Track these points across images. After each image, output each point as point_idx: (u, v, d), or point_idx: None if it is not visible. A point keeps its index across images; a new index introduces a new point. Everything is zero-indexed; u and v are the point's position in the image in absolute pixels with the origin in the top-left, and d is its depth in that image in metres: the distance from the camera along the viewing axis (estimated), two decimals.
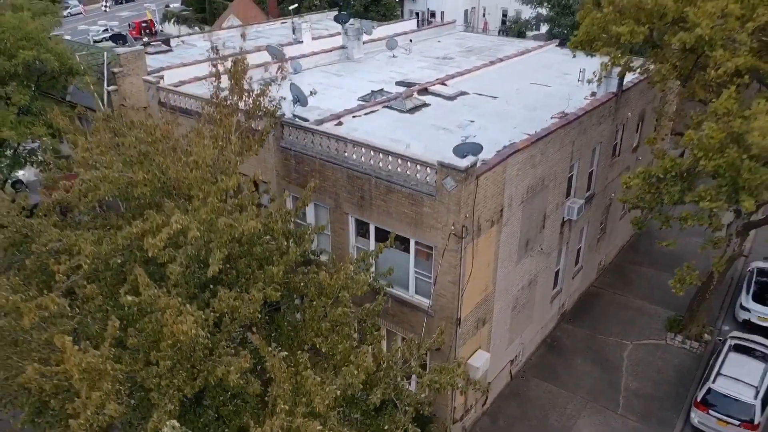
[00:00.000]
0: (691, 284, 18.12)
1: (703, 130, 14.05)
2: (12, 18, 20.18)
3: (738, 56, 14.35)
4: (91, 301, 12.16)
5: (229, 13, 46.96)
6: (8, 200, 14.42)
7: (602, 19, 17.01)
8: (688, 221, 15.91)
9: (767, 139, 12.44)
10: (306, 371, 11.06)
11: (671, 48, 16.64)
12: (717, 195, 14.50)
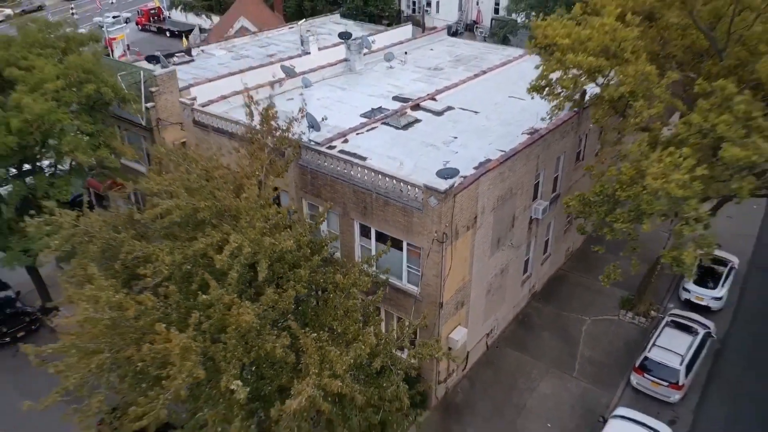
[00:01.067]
0: (615, 280, 23.03)
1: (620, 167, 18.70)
2: (76, 57, 24.53)
3: (654, 107, 18.86)
4: (172, 297, 16.85)
5: (238, 14, 50.82)
6: (99, 218, 19.03)
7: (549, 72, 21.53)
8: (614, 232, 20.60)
9: (657, 182, 17.04)
10: (328, 346, 15.87)
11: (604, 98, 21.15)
12: (627, 218, 19.20)
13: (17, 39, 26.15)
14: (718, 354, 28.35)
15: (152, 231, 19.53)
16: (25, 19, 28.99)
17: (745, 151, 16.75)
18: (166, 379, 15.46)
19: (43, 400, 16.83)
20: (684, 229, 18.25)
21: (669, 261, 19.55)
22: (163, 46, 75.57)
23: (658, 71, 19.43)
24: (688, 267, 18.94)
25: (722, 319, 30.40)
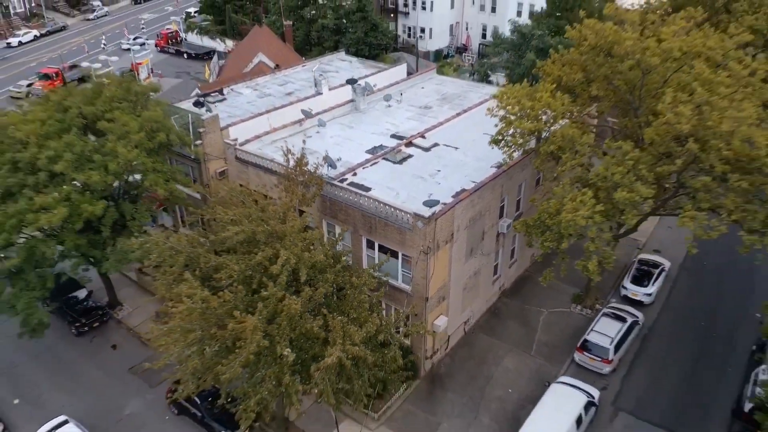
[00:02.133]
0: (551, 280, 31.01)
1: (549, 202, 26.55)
2: (151, 112, 32.36)
3: (576, 159, 26.81)
4: (239, 293, 24.61)
5: (256, 50, 58.42)
6: (184, 236, 26.86)
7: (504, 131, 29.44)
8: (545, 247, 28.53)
9: (569, 215, 24.87)
10: (348, 326, 23.73)
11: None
12: (553, 238, 27.04)
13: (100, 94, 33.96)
14: (645, 338, 36.30)
15: (219, 246, 27.34)
16: (101, 76, 36.65)
17: (630, 194, 24.58)
18: (239, 350, 23.28)
19: (157, 362, 24.74)
20: (589, 245, 26.13)
21: (580, 268, 27.50)
22: (181, 67, 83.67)
23: (580, 131, 27.33)
24: (593, 272, 26.88)
25: (653, 310, 38.41)
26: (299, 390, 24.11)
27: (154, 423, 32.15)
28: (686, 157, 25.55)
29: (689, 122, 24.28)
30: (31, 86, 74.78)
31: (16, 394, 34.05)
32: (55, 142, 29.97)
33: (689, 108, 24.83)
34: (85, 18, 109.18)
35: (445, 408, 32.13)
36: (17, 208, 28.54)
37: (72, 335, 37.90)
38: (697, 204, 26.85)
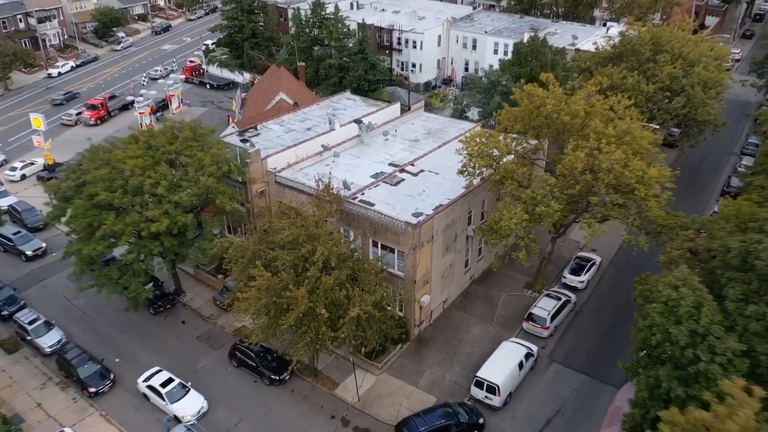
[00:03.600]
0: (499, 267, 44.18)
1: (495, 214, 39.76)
2: (217, 150, 45.30)
3: (514, 184, 39.93)
4: (290, 275, 37.43)
5: (278, 89, 71.25)
6: (249, 238, 39.75)
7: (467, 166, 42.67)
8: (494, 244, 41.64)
9: (505, 222, 37.90)
10: (363, 294, 36.68)
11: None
12: (498, 238, 40.18)
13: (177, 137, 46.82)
14: (577, 313, 49.36)
15: (273, 245, 40.22)
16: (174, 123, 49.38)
17: (546, 208, 37.66)
18: (291, 310, 36.14)
19: (252, 338, 37.46)
20: (520, 242, 39.25)
21: (515, 257, 40.66)
22: (205, 97, 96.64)
23: (520, 165, 40.48)
24: (522, 259, 40.00)
25: (585, 294, 51.49)
26: (331, 336, 37.06)
27: (220, 373, 44.98)
28: (583, 184, 38.64)
29: (583, 162, 37.41)
30: (80, 115, 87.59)
31: (117, 355, 46.77)
32: (153, 173, 42.92)
33: (584, 152, 38.01)
34: (112, 49, 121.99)
35: (429, 361, 45.10)
36: (132, 219, 41.46)
37: (150, 314, 50.68)
38: (593, 215, 40.07)
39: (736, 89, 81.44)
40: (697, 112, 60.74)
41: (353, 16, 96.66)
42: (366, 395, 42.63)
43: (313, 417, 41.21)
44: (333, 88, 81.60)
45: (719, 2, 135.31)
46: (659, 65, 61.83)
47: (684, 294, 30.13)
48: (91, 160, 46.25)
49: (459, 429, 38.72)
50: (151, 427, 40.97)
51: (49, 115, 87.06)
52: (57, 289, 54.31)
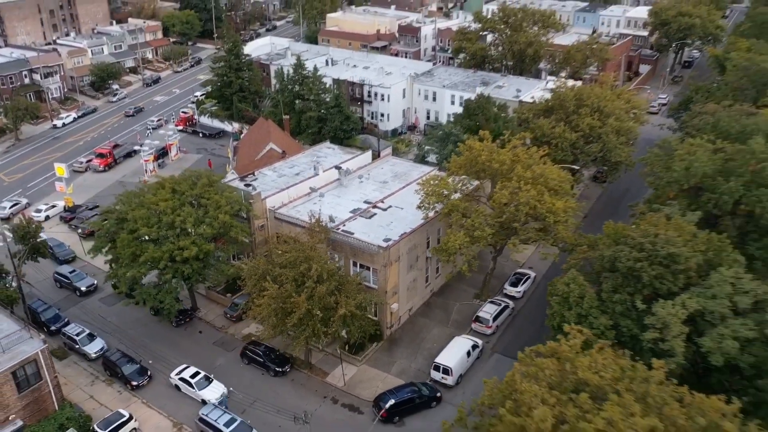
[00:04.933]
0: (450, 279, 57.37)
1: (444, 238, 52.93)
2: (229, 194, 57.99)
3: (459, 216, 53.31)
4: (291, 286, 49.93)
5: (267, 140, 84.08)
6: (260, 261, 52.30)
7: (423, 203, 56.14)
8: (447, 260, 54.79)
9: (450, 244, 51.01)
10: (348, 299, 49.37)
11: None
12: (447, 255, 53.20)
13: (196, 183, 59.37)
14: (514, 316, 62.55)
15: (278, 264, 52.79)
16: (192, 172, 62.00)
17: (481, 232, 51.01)
18: (294, 313, 48.72)
19: (264, 333, 49.95)
20: (464, 258, 52.71)
21: (461, 270, 53.90)
22: (199, 144, 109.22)
23: (465, 201, 54.02)
24: (465, 271, 53.30)
25: (522, 301, 64.76)
26: (323, 331, 49.63)
27: (235, 368, 57.02)
28: (508, 214, 52.27)
29: (507, 198, 51.14)
30: (90, 162, 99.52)
31: (150, 357, 58.47)
32: (181, 212, 55.44)
33: (509, 190, 51.77)
34: (108, 100, 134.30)
35: (398, 354, 57.77)
36: (167, 248, 53.83)
37: (173, 327, 62.55)
38: (519, 237, 53.68)
39: (657, 131, 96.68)
40: (610, 155, 75.27)
41: (329, 72, 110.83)
42: (350, 381, 55.04)
43: (309, 398, 53.45)
44: (313, 137, 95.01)
45: (651, 52, 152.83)
46: (581, 117, 76.28)
47: (572, 288, 43.61)
48: (126, 203, 58.53)
49: (421, 401, 51.32)
50: (183, 410, 52.74)
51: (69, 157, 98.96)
52: (92, 309, 65.94)
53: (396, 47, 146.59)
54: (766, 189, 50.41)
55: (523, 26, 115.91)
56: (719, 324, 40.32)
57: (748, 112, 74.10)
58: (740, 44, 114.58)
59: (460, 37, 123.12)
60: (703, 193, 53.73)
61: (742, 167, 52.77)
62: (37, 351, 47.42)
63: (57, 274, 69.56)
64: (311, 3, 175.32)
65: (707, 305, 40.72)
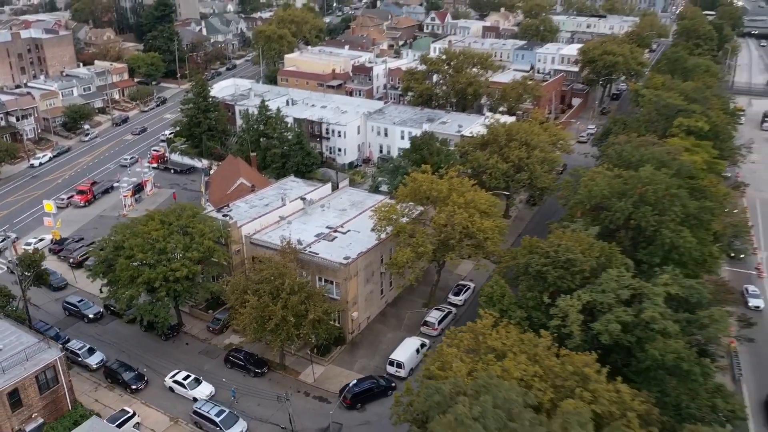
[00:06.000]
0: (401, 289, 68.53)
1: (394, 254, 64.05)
2: (211, 224, 68.11)
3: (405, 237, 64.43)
4: (268, 298, 60.14)
5: (237, 175, 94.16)
6: (240, 278, 62.45)
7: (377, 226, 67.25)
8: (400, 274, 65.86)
9: (398, 258, 61.96)
10: (316, 306, 59.80)
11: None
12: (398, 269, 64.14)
13: (182, 215, 69.29)
14: (456, 320, 73.70)
15: (256, 281, 63.08)
16: (177, 205, 71.96)
17: (425, 249, 62.27)
18: (271, 320, 59.02)
19: (247, 338, 60.07)
20: (411, 271, 63.69)
21: (408, 280, 65.01)
22: (171, 180, 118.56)
23: (411, 224, 65.26)
24: (411, 281, 64.38)
25: (463, 308, 76.04)
26: (296, 334, 59.90)
27: (220, 372, 66.59)
28: (445, 234, 63.71)
29: (444, 220, 62.64)
30: (71, 198, 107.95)
31: (145, 365, 67.60)
32: (171, 239, 65.29)
33: (445, 213, 63.27)
34: (81, 140, 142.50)
35: (359, 355, 68.28)
36: (161, 270, 63.53)
37: (162, 340, 71.83)
38: (456, 252, 65.14)
39: (584, 159, 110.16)
40: (536, 182, 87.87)
41: (290, 112, 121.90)
42: (319, 378, 65.27)
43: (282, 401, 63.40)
44: (278, 171, 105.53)
45: (582, 86, 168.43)
46: (511, 149, 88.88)
47: (495, 289, 55.08)
48: (120, 234, 67.97)
49: (379, 390, 61.83)
50: (177, 407, 62.02)
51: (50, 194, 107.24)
52: (88, 328, 74.70)
53: (350, 86, 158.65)
54: (649, 207, 63.07)
55: (464, 67, 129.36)
56: (607, 312, 52.11)
57: (651, 142, 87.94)
58: (656, 80, 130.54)
59: (409, 78, 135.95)
60: (602, 212, 66.12)
61: (632, 190, 65.42)
62: (55, 358, 56.59)
63: (66, 303, 77.80)
64: (270, 44, 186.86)
65: (597, 298, 52.53)
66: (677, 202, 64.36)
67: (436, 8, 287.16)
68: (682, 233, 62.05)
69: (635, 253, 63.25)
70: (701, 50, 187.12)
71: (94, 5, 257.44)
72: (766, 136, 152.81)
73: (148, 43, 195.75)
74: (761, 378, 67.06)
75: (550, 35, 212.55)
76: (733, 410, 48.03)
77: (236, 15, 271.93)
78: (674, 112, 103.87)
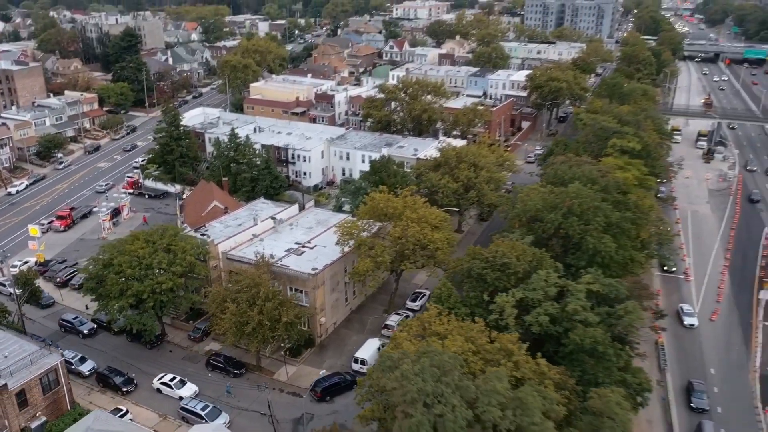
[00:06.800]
0: (367, 296, 77.29)
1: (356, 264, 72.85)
2: (195, 243, 75.98)
3: (366, 249, 73.37)
4: (246, 305, 68.18)
5: (211, 199, 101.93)
6: (220, 288, 70.43)
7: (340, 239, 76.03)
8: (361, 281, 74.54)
9: (360, 267, 70.82)
10: (287, 312, 68.07)
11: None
12: (360, 277, 73.00)
13: (165, 234, 77.08)
14: None
15: (235, 290, 71.20)
16: (161, 225, 79.73)
17: (383, 259, 71.17)
18: (249, 324, 67.18)
19: (227, 341, 68.11)
20: (372, 279, 72.56)
21: (369, 286, 73.79)
22: (146, 204, 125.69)
23: (371, 239, 74.12)
24: (372, 287, 73.09)
25: (420, 312, 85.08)
26: (272, 336, 68.06)
27: (203, 374, 74.16)
28: (400, 245, 72.82)
29: (399, 233, 71.79)
30: (51, 223, 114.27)
31: (132, 371, 74.77)
32: (156, 256, 73.00)
33: (400, 227, 72.41)
34: (55, 168, 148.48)
35: (328, 356, 76.60)
36: (148, 283, 71.15)
37: (147, 349, 79.10)
38: (411, 261, 74.25)
39: (529, 178, 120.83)
40: (484, 199, 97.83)
41: (258, 139, 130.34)
42: (292, 376, 73.35)
43: (247, 389, 71.23)
44: (248, 194, 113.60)
45: (531, 110, 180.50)
46: (460, 170, 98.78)
47: (443, 291, 64.24)
48: (108, 253, 75.35)
49: (345, 384, 70.13)
50: (165, 406, 69.32)
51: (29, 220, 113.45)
52: (78, 341, 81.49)
53: (314, 113, 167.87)
54: (576, 218, 73.19)
55: (419, 95, 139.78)
56: (537, 306, 61.59)
57: (584, 162, 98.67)
58: (595, 104, 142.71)
59: (369, 105, 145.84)
60: (537, 223, 76.07)
61: (562, 203, 75.52)
62: (57, 362, 63.72)
63: (62, 320, 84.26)
64: (235, 74, 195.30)
65: (529, 295, 62.01)
66: (600, 213, 74.61)
67: (395, 36, 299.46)
68: (604, 240, 72.22)
69: (565, 257, 73.20)
70: (641, 75, 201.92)
71: (60, 36, 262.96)
72: (700, 153, 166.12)
73: (117, 73, 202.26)
74: (683, 368, 77.19)
75: (502, 62, 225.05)
76: (640, 383, 57.97)
77: (201, 44, 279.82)
78: (609, 134, 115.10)
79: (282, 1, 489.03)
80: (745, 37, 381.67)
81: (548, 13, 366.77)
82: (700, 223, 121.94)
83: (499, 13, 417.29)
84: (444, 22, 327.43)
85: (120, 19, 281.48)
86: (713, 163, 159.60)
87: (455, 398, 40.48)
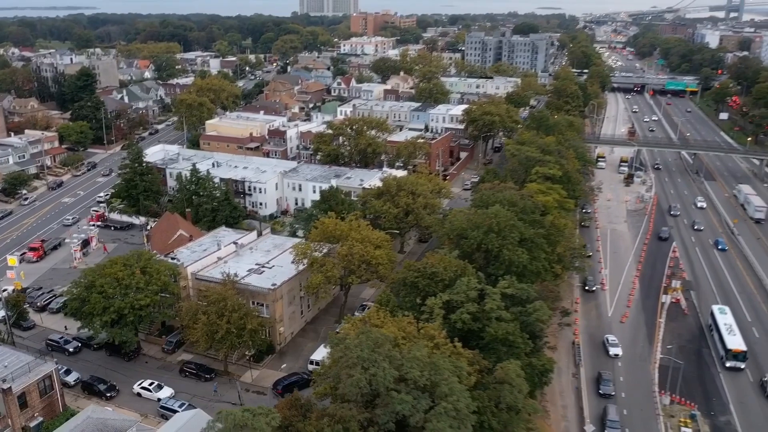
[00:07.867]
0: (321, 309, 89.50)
1: None
2: (169, 266, 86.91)
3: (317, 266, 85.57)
4: (215, 317, 79.45)
5: (176, 228, 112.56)
6: (193, 305, 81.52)
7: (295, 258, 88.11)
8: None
9: (314, 280, 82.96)
10: (251, 321, 79.62)
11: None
12: (313, 289, 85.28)
13: (140, 258, 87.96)
14: None
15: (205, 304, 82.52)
16: (136, 251, 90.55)
17: (332, 274, 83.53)
18: (218, 332, 78.59)
19: (197, 347, 79.36)
20: (323, 290, 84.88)
21: (321, 296, 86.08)
22: (113, 236, 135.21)
23: (322, 258, 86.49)
24: (324, 298, 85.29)
25: None
26: (238, 342, 79.45)
27: (176, 380, 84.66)
28: (346, 262, 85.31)
29: (345, 252, 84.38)
30: (24, 255, 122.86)
31: (113, 380, 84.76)
32: (134, 277, 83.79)
33: (346, 247, 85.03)
34: (20, 204, 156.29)
35: (287, 360, 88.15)
36: (128, 300, 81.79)
37: (124, 361, 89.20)
38: (357, 275, 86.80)
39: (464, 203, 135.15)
40: (421, 222, 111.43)
41: (216, 173, 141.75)
42: (256, 378, 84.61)
43: (230, 390, 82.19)
44: (209, 224, 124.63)
45: (469, 141, 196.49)
46: (400, 197, 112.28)
47: (383, 297, 76.99)
48: (90, 276, 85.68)
49: (303, 382, 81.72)
50: (145, 407, 79.57)
51: (1, 253, 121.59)
52: (62, 357, 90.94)
53: (267, 147, 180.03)
54: (494, 234, 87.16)
55: (364, 131, 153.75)
56: (460, 307, 74.74)
57: (508, 187, 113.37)
58: (524, 136, 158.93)
59: (318, 140, 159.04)
60: (462, 240, 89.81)
61: (483, 223, 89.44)
62: (51, 369, 73.71)
63: (49, 340, 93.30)
64: (191, 111, 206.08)
65: (453, 297, 75.16)
66: (515, 231, 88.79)
67: (342, 73, 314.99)
68: (518, 252, 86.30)
69: (487, 268, 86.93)
70: (569, 107, 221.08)
71: (15, 75, 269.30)
72: (621, 178, 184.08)
73: (76, 112, 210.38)
74: (594, 363, 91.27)
75: (442, 97, 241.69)
76: (544, 365, 71.57)
77: (154, 82, 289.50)
78: (533, 163, 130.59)
79: (232, 37, 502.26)
80: (669, 69, 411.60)
81: (487, 49, 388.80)
82: (618, 240, 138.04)
83: (441, 50, 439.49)
84: (389, 59, 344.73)
85: (75, 59, 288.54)
86: (633, 186, 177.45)
87: (386, 363, 53.38)
